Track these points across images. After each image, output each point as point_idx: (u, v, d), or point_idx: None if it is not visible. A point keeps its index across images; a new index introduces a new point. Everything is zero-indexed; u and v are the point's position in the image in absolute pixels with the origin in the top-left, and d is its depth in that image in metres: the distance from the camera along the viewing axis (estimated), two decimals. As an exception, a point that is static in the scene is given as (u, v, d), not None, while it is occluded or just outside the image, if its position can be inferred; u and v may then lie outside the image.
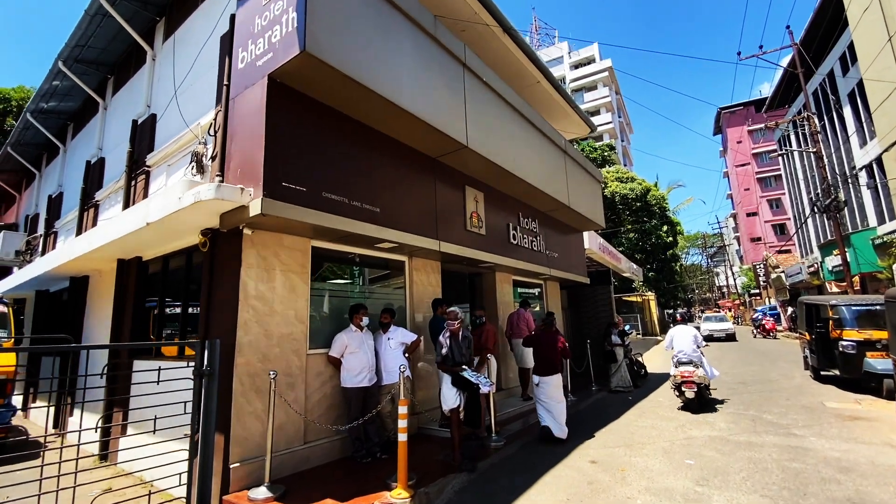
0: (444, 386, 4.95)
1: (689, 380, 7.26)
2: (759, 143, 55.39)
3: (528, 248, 8.60)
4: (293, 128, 4.42)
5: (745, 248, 55.86)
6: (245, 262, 4.52)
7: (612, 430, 6.34)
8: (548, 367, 6.22)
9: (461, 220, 6.73)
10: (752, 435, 5.81)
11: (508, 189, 7.90)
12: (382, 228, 5.21)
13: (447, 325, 5.11)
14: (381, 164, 5.40)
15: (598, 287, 12.40)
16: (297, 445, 4.72)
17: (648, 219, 30.23)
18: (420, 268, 6.77)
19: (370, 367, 5.21)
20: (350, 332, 5.21)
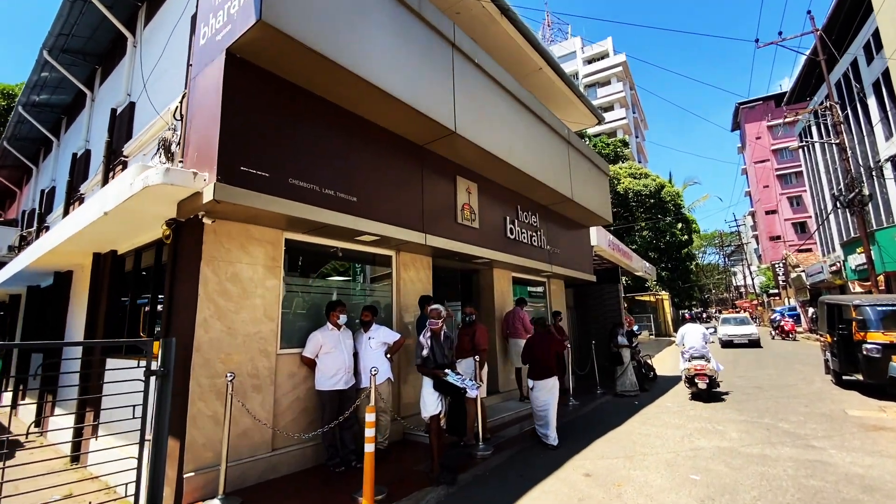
0: (425, 390, 4.55)
1: (702, 373, 8.12)
2: (778, 139, 53.77)
3: (528, 244, 8.15)
4: (256, 108, 4.06)
5: (764, 246, 54.30)
6: (206, 254, 4.18)
7: (612, 438, 5.87)
8: (542, 371, 5.81)
9: (451, 212, 6.31)
10: (767, 446, 5.30)
11: (505, 180, 7.46)
12: (359, 219, 4.83)
13: (428, 324, 4.72)
14: (360, 150, 5.02)
15: (605, 286, 11.87)
16: (264, 452, 4.37)
17: (662, 216, 29.40)
18: (408, 263, 6.38)
19: (347, 368, 4.84)
20: (326, 331, 4.85)
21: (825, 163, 24.91)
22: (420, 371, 4.58)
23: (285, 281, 4.94)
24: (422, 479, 4.31)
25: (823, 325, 10.16)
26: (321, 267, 5.68)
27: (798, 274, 28.76)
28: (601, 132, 44.38)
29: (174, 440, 3.93)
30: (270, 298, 4.62)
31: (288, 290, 4.98)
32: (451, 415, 4.73)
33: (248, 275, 4.46)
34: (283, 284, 4.86)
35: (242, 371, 4.29)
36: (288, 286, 4.99)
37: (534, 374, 5.86)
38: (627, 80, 52.60)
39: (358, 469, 4.62)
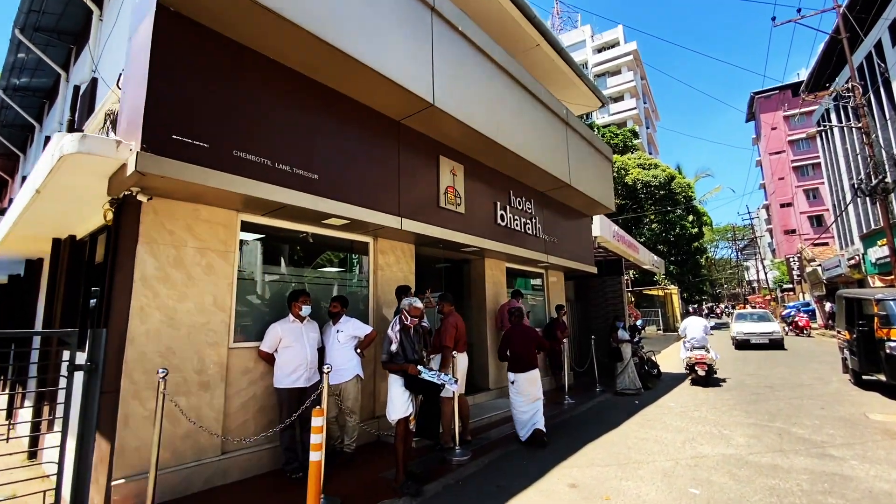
0: (393, 389, 4.07)
1: (702, 361, 9.01)
2: (795, 130, 52.19)
3: (522, 232, 7.61)
4: (193, 69, 3.58)
5: (778, 240, 52.92)
6: (144, 235, 3.74)
7: (606, 442, 5.37)
8: (523, 364, 5.38)
9: (433, 195, 5.81)
10: (778, 455, 4.75)
11: (495, 162, 6.92)
12: (321, 199, 4.35)
13: (398, 318, 4.23)
14: (322, 123, 4.53)
15: (607, 278, 11.30)
16: (211, 456, 3.94)
17: (672, 208, 28.54)
18: (387, 251, 5.90)
19: (309, 364, 4.38)
20: (286, 323, 4.40)
21: (844, 151, 23.85)
22: (387, 368, 4.09)
23: (242, 268, 4.49)
24: (385, 489, 3.86)
25: (842, 321, 9.49)
26: (290, 254, 5.23)
27: (814, 268, 27.77)
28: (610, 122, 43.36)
29: (106, 443, 3.53)
30: (222, 286, 4.17)
31: (245, 278, 4.53)
32: (422, 416, 4.26)
33: (194, 260, 4.01)
34: (238, 271, 4.42)
35: (187, 367, 3.86)
36: (245, 273, 4.54)
37: (515, 366, 5.41)
38: (638, 69, 51.29)
39: (318, 475, 4.19)
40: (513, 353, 5.44)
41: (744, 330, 16.08)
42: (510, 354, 5.46)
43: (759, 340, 15.72)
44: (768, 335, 15.66)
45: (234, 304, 4.28)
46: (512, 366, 5.45)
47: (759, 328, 15.95)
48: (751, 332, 15.79)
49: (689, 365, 9.25)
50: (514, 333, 5.52)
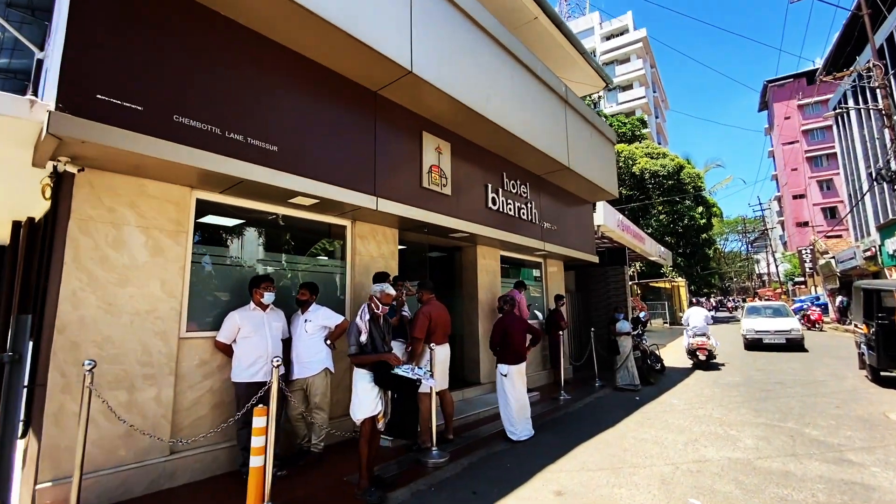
0: (360, 385, 3.63)
1: (703, 347, 10.09)
2: (809, 119, 50.91)
3: (516, 217, 7.15)
4: (124, 20, 3.15)
5: (790, 232, 51.82)
6: (77, 212, 3.35)
7: (600, 442, 4.94)
8: (518, 355, 4.99)
9: (414, 174, 5.36)
10: (790, 459, 4.30)
11: (486, 141, 6.45)
12: (281, 174, 3.92)
13: (366, 306, 3.80)
14: (283, 89, 4.09)
15: (610, 268, 10.80)
16: (156, 457, 3.57)
17: (681, 199, 27.79)
18: (367, 235, 5.48)
19: (269, 356, 3.97)
20: (246, 311, 4.01)
21: (862, 138, 22.94)
22: (355, 362, 3.67)
23: (199, 251, 4.09)
24: (344, 495, 3.47)
25: (859, 314, 8.94)
26: (258, 237, 4.82)
27: (827, 260, 26.96)
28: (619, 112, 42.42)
29: (34, 441, 3.17)
30: (172, 270, 3.78)
31: (201, 262, 4.13)
32: (396, 413, 3.84)
33: (139, 240, 3.61)
34: (195, 254, 4.02)
35: (129, 358, 3.48)
36: (202, 257, 4.14)
37: (509, 358, 5.00)
38: (648, 57, 50.10)
39: (278, 478, 3.82)
40: (508, 343, 5.03)
41: (755, 327, 13.56)
42: (505, 344, 5.04)
43: (773, 340, 13.14)
44: (785, 334, 13.09)
45: (186, 289, 3.88)
46: (505, 357, 5.04)
47: (774, 325, 13.45)
48: (764, 330, 13.37)
49: (690, 350, 10.39)
50: (510, 321, 5.11)
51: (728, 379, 8.77)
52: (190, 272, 3.95)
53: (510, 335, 5.02)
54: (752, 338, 13.35)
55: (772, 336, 13.15)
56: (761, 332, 13.31)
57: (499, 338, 5.06)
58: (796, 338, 13.03)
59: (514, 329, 5.06)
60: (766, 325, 13.51)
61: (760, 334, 13.30)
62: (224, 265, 4.39)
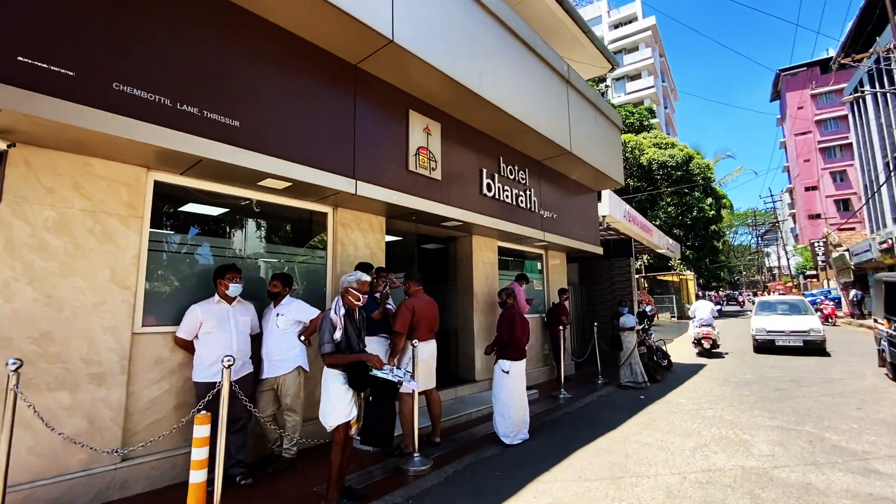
0: (332, 388, 3.23)
1: (708, 336, 10.96)
2: (823, 109, 49.72)
3: (513, 205, 6.72)
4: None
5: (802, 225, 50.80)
6: (10, 192, 2.99)
7: (600, 448, 4.54)
8: (521, 351, 4.64)
9: (400, 156, 4.95)
10: (811, 469, 3.88)
11: (480, 122, 6.01)
12: (244, 152, 3.53)
13: (343, 297, 3.40)
14: (247, 59, 3.69)
15: (615, 260, 10.35)
16: (105, 465, 3.23)
17: (690, 190, 27.11)
18: (350, 223, 5.09)
19: (235, 353, 3.62)
20: (209, 305, 3.65)
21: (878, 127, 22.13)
22: (329, 362, 3.26)
23: (156, 237, 3.73)
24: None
25: (879, 309, 8.43)
26: (230, 224, 4.45)
27: (841, 253, 26.21)
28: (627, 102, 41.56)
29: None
30: (125, 259, 3.42)
31: (160, 250, 3.77)
32: (372, 419, 3.45)
33: (85, 225, 3.25)
34: (152, 242, 3.66)
35: (72, 356, 3.14)
36: (161, 244, 3.78)
37: (513, 353, 4.63)
38: (657, 45, 49.02)
39: (243, 487, 3.47)
40: (514, 338, 4.66)
41: (767, 326, 11.41)
42: (512, 340, 4.67)
43: (788, 342, 10.92)
44: (802, 335, 10.86)
45: (141, 280, 3.53)
46: (508, 352, 4.67)
47: (791, 324, 11.24)
48: (777, 331, 11.18)
49: (696, 339, 11.28)
50: (516, 315, 4.73)
51: (739, 376, 8.32)
52: (147, 261, 3.60)
53: (516, 329, 4.64)
54: (764, 339, 11.26)
55: (787, 337, 11.00)
56: (774, 333, 11.18)
57: (507, 333, 4.67)
58: (816, 340, 10.79)
59: (518, 322, 4.68)
60: (780, 323, 11.40)
61: (773, 335, 11.15)
62: (189, 254, 4.03)
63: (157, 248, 3.74)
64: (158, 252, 3.75)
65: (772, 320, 11.72)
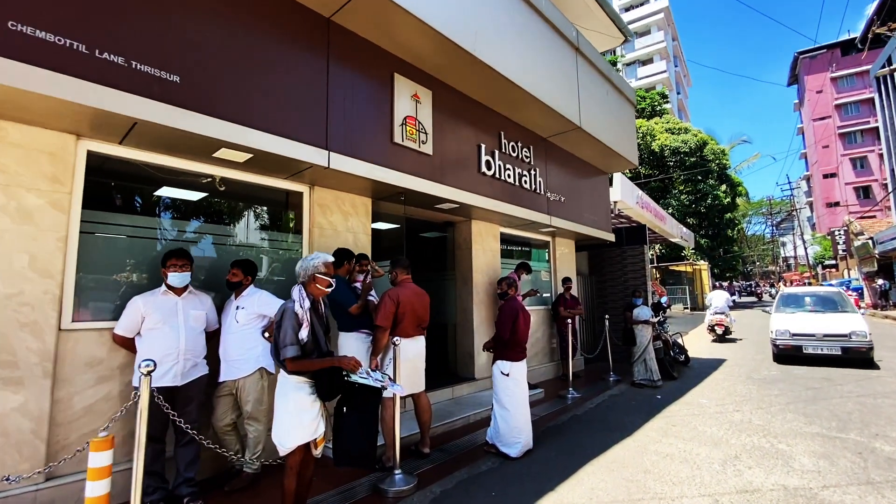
0: (296, 401, 2.60)
1: (721, 323, 11.88)
2: (843, 93, 48.04)
3: (515, 186, 6.09)
4: None
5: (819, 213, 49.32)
6: None
7: (614, 459, 3.95)
8: (522, 350, 4.07)
9: (383, 126, 4.33)
10: (868, 490, 3.26)
11: (478, 90, 5.37)
12: (185, 112, 2.95)
13: (306, 287, 2.81)
14: (190, 4, 3.09)
15: (628, 248, 9.67)
16: (23, 487, 2.71)
17: (704, 177, 26.12)
18: (329, 204, 4.51)
19: (183, 353, 3.09)
20: (153, 297, 3.10)
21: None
22: (296, 368, 2.59)
23: (92, 218, 3.18)
24: (266, 544, 2.57)
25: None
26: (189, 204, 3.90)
27: (864, 242, 25.14)
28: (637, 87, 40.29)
29: None
30: (47, 243, 2.87)
31: (95, 233, 3.22)
32: (351, 434, 2.85)
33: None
34: (84, 223, 3.11)
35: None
36: (95, 227, 3.23)
37: (515, 353, 4.06)
38: (670, 29, 47.48)
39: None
40: (517, 335, 4.07)
41: (792, 327, 8.52)
42: (514, 338, 4.08)
43: (821, 349, 8.01)
44: (842, 340, 7.96)
45: (70, 268, 2.99)
46: (509, 352, 4.08)
47: (825, 324, 8.34)
48: (806, 334, 8.27)
49: (710, 325, 12.17)
50: (519, 309, 4.14)
51: (763, 373, 7.66)
52: (78, 246, 3.05)
53: (518, 324, 4.05)
54: (787, 344, 8.34)
55: (819, 343, 8.05)
56: (802, 337, 8.28)
57: (509, 330, 4.08)
58: (861, 347, 7.79)
59: (521, 317, 4.09)
60: (809, 324, 8.49)
61: (800, 340, 8.26)
62: (135, 239, 3.48)
63: (93, 230, 3.19)
64: (94, 236, 3.20)
65: (798, 320, 8.79)
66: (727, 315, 12.04)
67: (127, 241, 3.41)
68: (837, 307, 9.27)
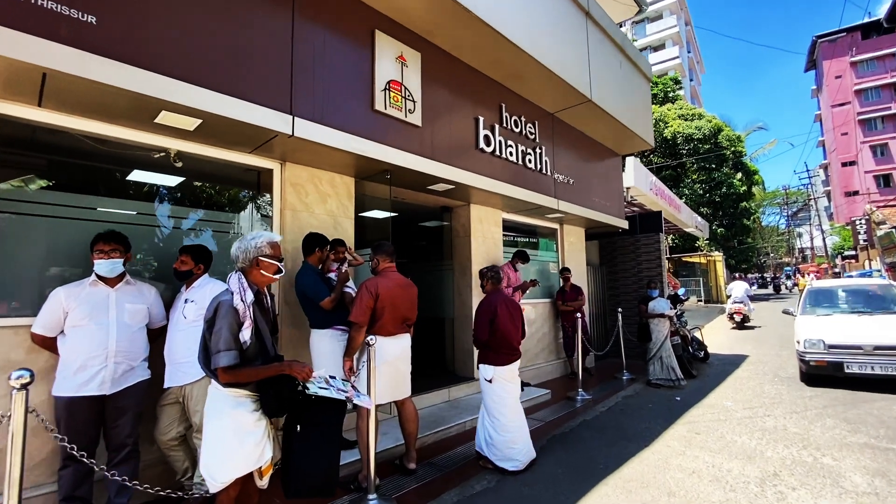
0: (235, 421, 2.05)
1: (739, 311, 12.71)
2: (864, 77, 46.40)
3: (518, 165, 5.49)
4: None
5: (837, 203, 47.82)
6: None
7: (631, 477, 3.39)
8: (510, 351, 3.49)
9: (362, 90, 3.76)
10: (945, 523, 2.65)
11: (475, 54, 4.75)
12: (102, 61, 2.40)
13: (245, 275, 2.25)
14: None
15: (642, 236, 9.01)
16: None
17: (718, 165, 25.17)
18: (304, 184, 3.96)
19: (112, 355, 2.58)
20: (79, 288, 2.59)
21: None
22: (234, 379, 2.01)
23: (5, 196, 2.67)
24: None
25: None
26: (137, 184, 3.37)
27: (886, 231, 24.08)
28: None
29: None
30: (-59, 222, 2.36)
31: (10, 211, 2.71)
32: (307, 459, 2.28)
33: None
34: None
35: None
36: (8, 205, 2.71)
37: (498, 356, 3.50)
38: (682, 13, 46.02)
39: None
40: (498, 335, 3.50)
41: (829, 337, 5.93)
42: (494, 337, 3.51)
43: (873, 367, 5.57)
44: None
45: (-28, 253, 2.48)
46: (492, 355, 3.52)
47: (877, 332, 5.79)
48: (851, 345, 5.75)
49: (730, 313, 13.01)
50: (497, 302, 3.57)
51: (791, 371, 7.02)
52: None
53: (498, 322, 3.48)
54: (821, 358, 5.81)
55: (869, 360, 5.58)
56: (843, 350, 5.73)
57: (486, 330, 3.52)
58: None
59: (503, 313, 3.51)
60: (853, 331, 5.95)
61: (841, 354, 5.71)
62: (66, 220, 2.96)
63: (9, 210, 2.68)
64: (10, 217, 2.68)
65: (836, 325, 6.16)
66: (745, 304, 12.82)
67: (57, 224, 2.89)
68: (889, 306, 6.58)
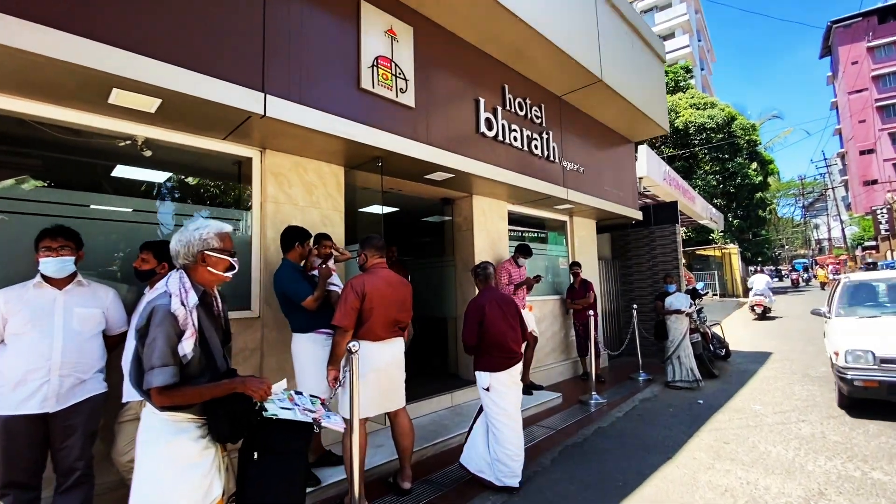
0: (174, 451, 1.65)
1: (760, 303, 13.30)
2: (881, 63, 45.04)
3: (523, 151, 5.09)
4: None
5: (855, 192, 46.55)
6: None
7: (654, 499, 2.99)
8: (505, 355, 3.11)
9: (346, 66, 3.38)
10: None
11: (474, 30, 4.36)
12: (29, 25, 2.05)
13: (187, 272, 1.86)
14: None
15: (656, 228, 8.55)
16: None
17: (732, 156, 24.43)
18: (286, 173, 3.61)
19: (58, 367, 2.25)
20: (21, 290, 2.28)
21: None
22: (166, 403, 1.61)
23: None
24: None
25: None
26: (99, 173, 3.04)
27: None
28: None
29: None
30: None
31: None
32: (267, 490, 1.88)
33: None
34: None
35: None
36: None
37: (492, 361, 3.14)
38: (692, 1, 44.93)
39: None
40: (489, 338, 3.12)
41: (880, 347, 4.24)
42: (485, 340, 3.14)
43: None
44: None
45: None
46: (485, 360, 3.15)
47: None
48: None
49: (751, 305, 13.65)
50: (486, 303, 3.19)
51: (822, 370, 6.55)
52: None
53: (488, 324, 3.11)
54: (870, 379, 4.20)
55: None
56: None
57: (475, 332, 3.15)
58: None
59: (493, 312, 3.14)
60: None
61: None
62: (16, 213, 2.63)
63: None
64: (-59, 209, 2.36)
65: (889, 331, 4.54)
66: (766, 296, 13.34)
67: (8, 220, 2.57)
68: None
